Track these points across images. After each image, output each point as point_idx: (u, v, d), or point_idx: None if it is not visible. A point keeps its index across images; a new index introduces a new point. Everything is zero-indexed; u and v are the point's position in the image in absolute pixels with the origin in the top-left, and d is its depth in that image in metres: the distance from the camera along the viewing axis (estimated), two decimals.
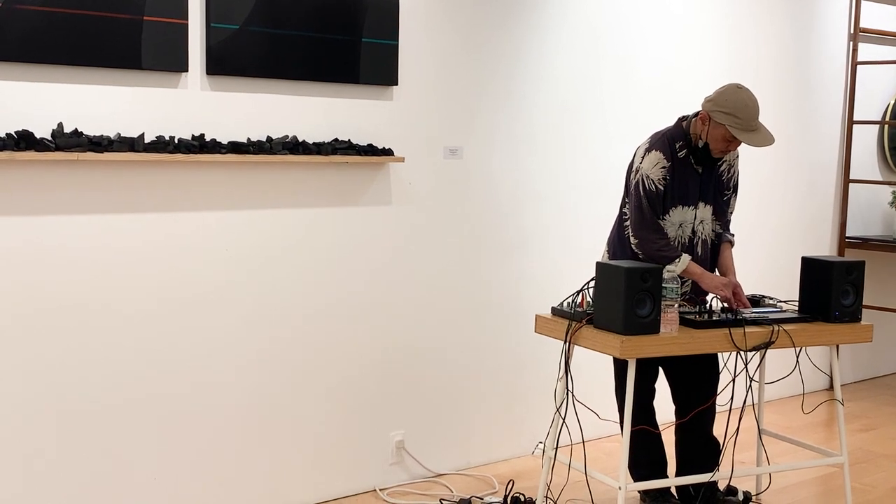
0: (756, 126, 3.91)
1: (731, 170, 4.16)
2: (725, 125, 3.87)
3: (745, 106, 3.88)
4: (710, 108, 3.93)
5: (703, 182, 4.06)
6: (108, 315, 3.67)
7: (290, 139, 4.01)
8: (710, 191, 4.09)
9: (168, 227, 3.79)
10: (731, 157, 4.15)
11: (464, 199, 4.67)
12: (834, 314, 3.94)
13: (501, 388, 4.90)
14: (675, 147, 4.00)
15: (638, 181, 3.97)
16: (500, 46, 4.72)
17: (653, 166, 3.96)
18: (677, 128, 4.06)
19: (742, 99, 3.90)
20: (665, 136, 4.04)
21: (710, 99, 3.95)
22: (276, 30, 3.95)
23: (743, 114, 3.87)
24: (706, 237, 4.10)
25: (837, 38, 6.44)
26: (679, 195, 4.01)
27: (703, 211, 4.08)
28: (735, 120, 3.86)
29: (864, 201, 6.79)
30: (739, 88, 3.94)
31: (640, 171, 3.98)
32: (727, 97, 3.90)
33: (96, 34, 3.51)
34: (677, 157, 4.00)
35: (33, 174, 3.47)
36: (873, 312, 6.08)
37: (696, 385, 4.18)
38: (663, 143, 4.00)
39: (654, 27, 5.37)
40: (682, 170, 4.00)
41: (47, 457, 3.59)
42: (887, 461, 5.13)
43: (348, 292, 4.31)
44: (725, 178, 4.14)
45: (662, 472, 4.23)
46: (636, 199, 3.98)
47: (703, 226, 4.09)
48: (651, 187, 3.94)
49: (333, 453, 4.34)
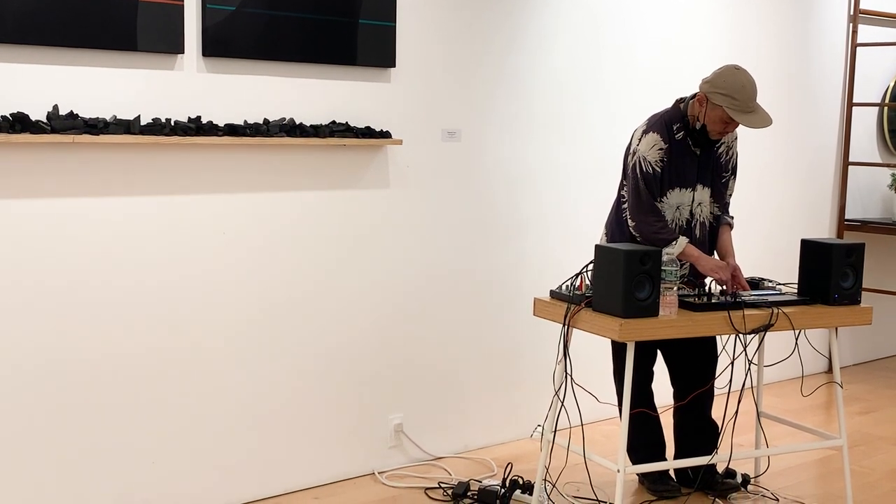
0: (753, 107, 3.89)
1: (730, 152, 4.15)
2: (723, 107, 3.85)
3: (742, 87, 3.86)
4: (707, 89, 3.91)
5: (701, 164, 4.05)
6: (104, 297, 3.66)
7: (287, 121, 3.99)
8: (708, 173, 4.08)
9: (164, 209, 3.77)
10: (730, 139, 4.13)
11: (462, 182, 4.66)
12: (833, 297, 3.93)
13: (500, 371, 4.90)
14: (673, 129, 3.98)
15: (635, 163, 3.96)
16: (498, 28, 4.69)
17: (650, 148, 3.94)
18: (675, 110, 4.04)
19: (739, 80, 3.87)
20: (662, 118, 4.02)
21: (707, 80, 3.93)
22: (273, 11, 3.93)
23: (740, 95, 3.85)
24: (704, 219, 4.09)
25: (837, 19, 6.41)
26: (676, 177, 3.99)
27: (701, 193, 4.06)
28: (732, 101, 3.85)
29: (863, 184, 6.77)
30: (737, 69, 3.92)
31: (637, 152, 3.97)
32: (724, 78, 3.88)
33: (92, 16, 3.49)
34: (675, 138, 3.98)
35: (29, 157, 3.45)
36: (873, 295, 6.07)
37: (694, 368, 4.18)
38: (660, 125, 3.98)
39: (654, 10, 5.33)
40: (679, 152, 3.99)
41: (43, 442, 3.58)
42: (886, 443, 5.13)
43: (346, 275, 4.30)
44: (724, 160, 4.13)
45: (661, 456, 4.23)
46: (633, 181, 3.97)
47: (702, 208, 4.07)
48: (648, 169, 3.93)
49: (332, 436, 4.33)
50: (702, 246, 4.05)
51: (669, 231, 3.94)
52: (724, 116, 3.88)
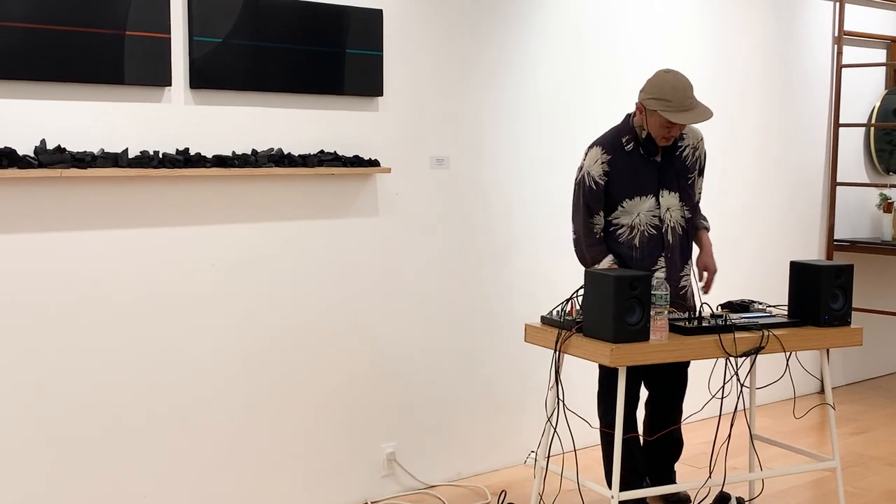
0: (689, 105, 3.93)
1: (696, 153, 4.20)
2: (657, 111, 3.90)
3: (672, 88, 3.91)
4: (642, 97, 4.00)
5: (662, 170, 4.09)
6: (93, 333, 3.65)
7: (275, 152, 3.99)
8: (674, 178, 4.12)
9: (153, 242, 3.77)
10: (694, 141, 4.18)
11: (451, 209, 4.66)
12: (823, 318, 3.93)
13: (492, 398, 4.89)
14: (622, 141, 4.08)
15: (581, 178, 4.10)
16: (485, 55, 4.71)
17: (593, 163, 4.07)
18: (624, 123, 4.14)
19: (669, 81, 3.94)
20: (611, 132, 4.14)
21: (641, 89, 4.02)
22: (260, 42, 3.94)
23: (672, 95, 3.90)
24: (675, 224, 4.13)
25: (822, 40, 6.46)
26: (632, 186, 4.06)
27: (669, 199, 4.10)
28: (665, 104, 3.90)
29: (851, 204, 6.79)
30: (667, 72, 4.00)
31: (582, 167, 4.10)
32: (654, 83, 3.97)
33: (78, 50, 3.49)
34: (624, 150, 4.06)
35: (16, 191, 3.44)
36: (863, 315, 6.08)
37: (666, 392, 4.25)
38: (605, 139, 4.11)
39: (639, 33, 5.36)
40: (630, 162, 4.06)
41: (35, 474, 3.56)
42: (880, 464, 5.12)
43: (337, 304, 4.29)
44: (690, 161, 4.18)
45: (640, 482, 4.18)
46: (575, 196, 4.13)
47: (671, 213, 4.11)
48: (591, 183, 4.05)
49: (325, 466, 4.31)
50: (674, 250, 4.12)
51: (601, 248, 4.09)
52: (662, 121, 3.94)
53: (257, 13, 3.92)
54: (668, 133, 3.99)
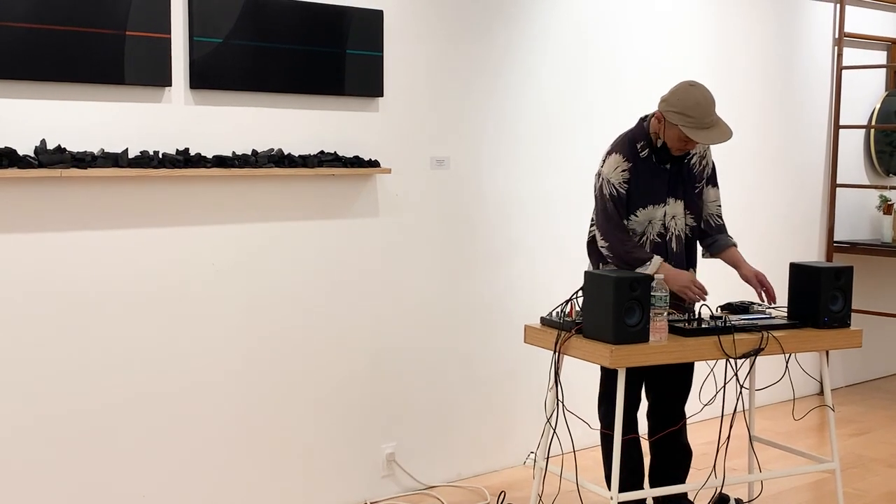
0: (711, 122, 3.85)
1: (703, 161, 4.11)
2: (678, 125, 3.84)
3: (696, 104, 3.82)
4: (663, 108, 3.89)
5: (672, 177, 4.02)
6: (93, 332, 3.65)
7: (275, 152, 3.99)
8: (680, 186, 4.04)
9: (153, 242, 3.77)
10: (702, 150, 4.11)
11: (452, 210, 4.66)
12: (823, 320, 3.93)
13: (492, 398, 4.89)
14: (637, 147, 3.97)
15: (601, 185, 3.96)
16: (485, 56, 4.71)
17: (613, 170, 3.94)
18: (638, 128, 4.03)
19: (693, 97, 3.84)
20: (627, 137, 4.02)
21: (664, 98, 3.91)
22: (260, 43, 3.94)
23: (695, 112, 3.81)
24: (680, 232, 4.06)
25: (823, 42, 6.46)
26: (646, 195, 3.96)
27: (674, 206, 4.03)
28: (687, 119, 3.81)
29: (851, 205, 6.79)
30: (692, 86, 3.89)
31: (601, 175, 3.97)
32: (679, 97, 3.85)
33: (79, 50, 3.50)
34: (640, 157, 3.96)
35: (16, 191, 3.44)
36: (862, 316, 6.07)
37: (671, 396, 4.17)
38: (623, 145, 3.98)
39: (641, 35, 5.37)
40: (646, 169, 3.97)
41: (35, 474, 3.56)
42: (880, 465, 5.12)
43: (337, 305, 4.29)
44: (697, 170, 4.10)
45: (639, 485, 4.17)
46: (601, 202, 3.96)
47: (676, 221, 4.04)
48: (612, 191, 3.92)
49: (324, 466, 4.31)
50: (678, 258, 4.03)
51: (643, 249, 3.92)
52: (680, 135, 3.85)
53: (258, 13, 3.92)
54: (684, 146, 3.92)
